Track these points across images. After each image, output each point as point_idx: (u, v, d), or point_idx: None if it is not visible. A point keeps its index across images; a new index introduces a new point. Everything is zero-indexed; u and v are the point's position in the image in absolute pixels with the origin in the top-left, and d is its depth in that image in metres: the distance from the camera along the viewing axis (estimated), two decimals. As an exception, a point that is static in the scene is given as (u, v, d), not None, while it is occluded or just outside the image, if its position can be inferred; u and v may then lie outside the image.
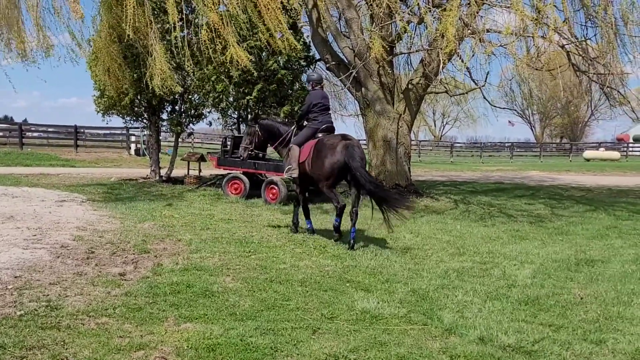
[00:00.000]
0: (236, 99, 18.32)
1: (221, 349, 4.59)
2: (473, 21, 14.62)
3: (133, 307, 5.54)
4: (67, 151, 34.03)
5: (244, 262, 7.77)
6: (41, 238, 8.68)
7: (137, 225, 10.27)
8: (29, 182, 17.50)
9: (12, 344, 4.44)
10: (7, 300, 5.57)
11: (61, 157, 30.27)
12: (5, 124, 51.66)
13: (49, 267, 7.00)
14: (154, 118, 19.94)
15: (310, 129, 10.36)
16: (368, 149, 18.16)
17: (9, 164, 25.94)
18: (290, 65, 18.41)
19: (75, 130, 35.96)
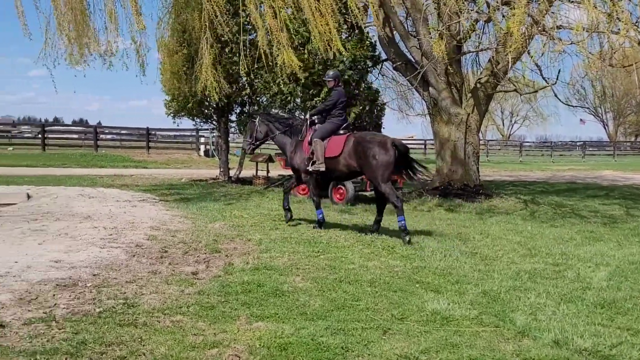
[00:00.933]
0: (304, 100, 18.46)
1: (293, 348, 4.65)
2: (542, 18, 14.33)
3: (206, 306, 5.66)
4: (139, 152, 34.95)
5: (313, 262, 7.83)
6: (117, 237, 8.95)
7: (208, 225, 10.47)
8: (104, 183, 18.06)
9: (93, 339, 4.60)
10: (86, 298, 5.77)
11: (134, 158, 31.11)
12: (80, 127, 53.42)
13: (125, 265, 7.22)
14: (223, 120, 20.29)
15: (334, 124, 10.71)
16: (435, 149, 18.03)
17: (85, 165, 26.82)
18: (356, 65, 18.43)
19: (147, 132, 36.86)
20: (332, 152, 10.41)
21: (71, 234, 9.10)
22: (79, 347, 4.45)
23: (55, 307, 5.46)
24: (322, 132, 10.65)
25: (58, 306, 5.47)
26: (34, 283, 6.23)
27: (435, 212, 14.06)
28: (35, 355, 4.26)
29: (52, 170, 23.42)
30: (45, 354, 4.30)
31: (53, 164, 26.75)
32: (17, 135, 44.18)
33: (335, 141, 10.46)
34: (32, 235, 9.07)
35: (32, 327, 4.87)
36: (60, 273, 6.68)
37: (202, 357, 4.45)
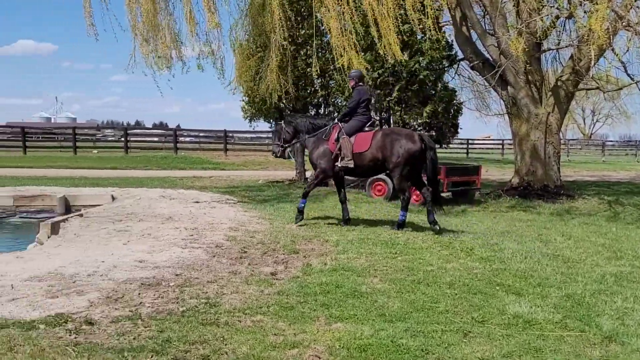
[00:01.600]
0: (377, 101, 18.43)
1: (372, 350, 4.64)
2: (627, 13, 13.83)
3: (286, 306, 5.71)
4: (217, 154, 35.59)
5: (391, 263, 7.80)
6: (198, 238, 9.16)
7: (286, 226, 10.58)
8: (184, 185, 18.48)
9: (177, 338, 4.72)
10: (170, 297, 5.92)
11: (212, 160, 31.70)
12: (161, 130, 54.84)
13: (206, 265, 7.37)
14: (298, 121, 20.45)
15: (359, 122, 10.99)
16: (514, 149, 17.67)
17: (165, 167, 27.51)
18: (432, 65, 18.27)
19: (225, 135, 37.52)
20: (360, 147, 10.67)
21: (154, 235, 9.37)
22: (164, 345, 4.57)
23: (140, 305, 5.62)
24: (348, 129, 10.88)
25: (143, 305, 5.64)
26: (120, 282, 6.44)
27: (514, 213, 13.77)
28: (123, 352, 4.40)
29: (135, 173, 24.14)
30: (132, 351, 4.43)
31: (135, 166, 27.59)
32: (101, 138, 45.75)
33: (363, 137, 10.75)
34: (117, 235, 9.38)
35: (119, 325, 5.03)
36: (145, 272, 6.88)
37: (282, 357, 4.49)
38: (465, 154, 48.20)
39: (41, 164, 26.58)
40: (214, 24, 12.90)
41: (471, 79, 24.08)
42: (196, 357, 4.41)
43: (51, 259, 7.90)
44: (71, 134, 37.55)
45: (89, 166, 26.39)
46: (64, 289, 6.16)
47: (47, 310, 5.41)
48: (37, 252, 8.70)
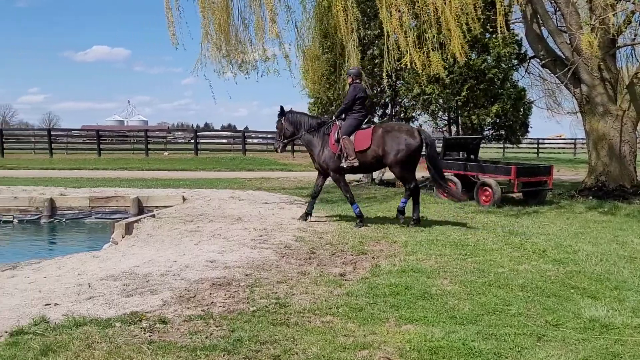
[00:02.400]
0: (446, 100, 18.23)
1: (443, 352, 4.58)
2: None
3: (355, 307, 5.70)
4: (284, 156, 35.79)
5: (461, 265, 7.69)
6: (267, 239, 9.24)
7: (353, 227, 10.56)
8: (253, 186, 18.70)
9: (248, 337, 4.77)
10: (240, 297, 6.00)
11: (279, 161, 31.96)
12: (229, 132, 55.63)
13: (276, 266, 7.43)
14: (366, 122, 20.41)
15: (356, 120, 11.12)
16: (588, 148, 17.19)
17: (234, 168, 27.90)
18: (501, 63, 17.95)
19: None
20: (361, 145, 10.82)
21: (224, 235, 9.50)
22: (235, 344, 4.62)
23: (212, 305, 5.71)
24: (346, 128, 11.00)
25: (215, 304, 5.72)
26: (192, 282, 6.55)
27: (588, 214, 13.37)
28: (195, 351, 4.47)
29: (205, 174, 24.56)
30: (205, 350, 4.50)
31: (205, 167, 28.08)
32: (172, 140, 46.75)
33: (362, 135, 10.91)
34: (188, 236, 9.56)
35: (191, 324, 5.12)
36: (216, 272, 6.99)
37: (353, 358, 4.49)
38: (535, 153, 47.21)
39: (115, 166, 27.37)
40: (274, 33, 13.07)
41: (542, 77, 23.58)
42: (267, 357, 4.44)
43: (126, 258, 8.12)
44: (143, 136, 38.55)
45: (161, 168, 27.02)
46: (138, 287, 6.31)
47: (122, 308, 5.55)
48: (112, 252, 8.95)
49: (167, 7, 12.65)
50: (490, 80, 17.80)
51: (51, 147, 36.00)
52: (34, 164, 29.11)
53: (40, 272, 7.57)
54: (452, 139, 17.43)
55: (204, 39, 12.97)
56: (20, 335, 4.80)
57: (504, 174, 14.49)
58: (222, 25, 12.80)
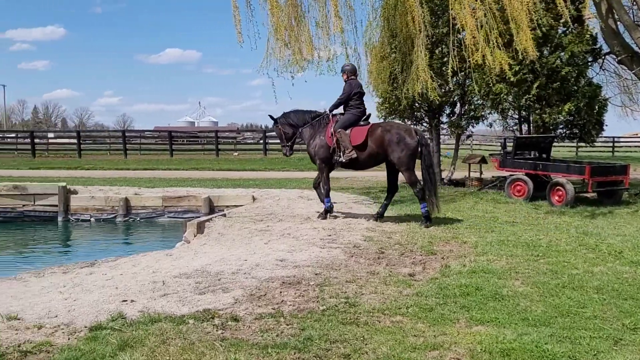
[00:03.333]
0: (515, 98, 17.87)
1: (516, 354, 4.51)
2: None
3: (425, 307, 5.67)
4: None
5: (533, 266, 7.55)
6: (335, 238, 9.28)
7: (422, 227, 10.49)
8: (321, 186, 18.75)
9: (318, 336, 4.80)
10: (310, 296, 6.05)
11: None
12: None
13: (345, 265, 7.46)
14: (434, 121, 20.21)
15: (354, 115, 11.36)
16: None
17: (302, 168, 28.05)
18: (574, 60, 17.48)
19: (360, 136, 37.75)
20: (355, 141, 11.05)
21: (293, 235, 9.59)
22: (305, 343, 4.66)
23: (282, 303, 5.78)
24: (343, 122, 11.27)
25: (285, 303, 5.79)
26: (262, 280, 6.65)
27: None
28: (266, 349, 4.54)
29: (273, 174, 24.82)
30: (276, 347, 4.56)
31: (274, 167, 28.38)
32: (241, 141, 47.40)
33: (358, 131, 11.14)
34: (258, 235, 9.69)
35: (262, 322, 5.20)
36: (285, 271, 7.06)
37: (423, 358, 4.47)
38: (610, 152, 45.79)
39: (187, 166, 27.95)
40: (339, 28, 13.11)
41: (617, 73, 22.81)
42: (337, 356, 4.47)
43: (198, 257, 8.29)
44: (214, 137, 39.24)
45: (231, 168, 27.45)
46: (210, 285, 6.44)
47: (195, 306, 5.68)
48: (184, 250, 9.16)
49: (234, 6, 12.84)
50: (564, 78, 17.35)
51: (125, 148, 37.03)
52: (109, 164, 30.02)
53: (116, 270, 7.82)
54: (523, 138, 17.12)
55: (271, 37, 13.10)
56: (98, 330, 4.97)
57: (578, 174, 14.14)
58: (288, 24, 12.91)
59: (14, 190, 15.31)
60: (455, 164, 21.08)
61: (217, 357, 4.37)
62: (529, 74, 16.66)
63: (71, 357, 4.36)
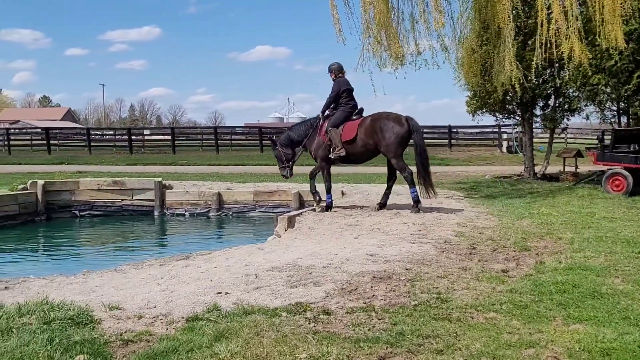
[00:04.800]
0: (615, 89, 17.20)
1: (617, 354, 4.35)
2: None
3: (519, 304, 5.54)
4: (441, 150, 35.53)
5: (634, 263, 7.24)
6: (426, 233, 9.20)
7: (515, 223, 10.27)
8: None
9: (410, 331, 4.78)
10: (401, 291, 6.02)
11: (436, 156, 31.65)
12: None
13: (435, 261, 7.39)
14: (527, 114, 19.71)
15: (344, 112, 11.70)
16: None
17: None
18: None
19: (449, 130, 37.35)
20: (347, 136, 11.43)
21: (383, 229, 9.58)
22: (397, 337, 4.65)
23: (373, 298, 5.78)
24: (334, 120, 11.63)
25: (376, 297, 5.79)
26: (353, 274, 6.67)
27: None
28: (358, 342, 4.55)
29: (362, 169, 24.77)
30: (368, 342, 4.56)
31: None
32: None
33: (349, 126, 11.50)
34: (348, 229, 9.72)
35: (354, 316, 5.21)
36: (376, 266, 7.06)
37: (518, 356, 4.37)
38: None
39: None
40: (440, 23, 12.98)
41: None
42: (429, 351, 4.43)
43: (289, 250, 8.40)
44: (302, 133, 39.49)
45: (319, 163, 27.59)
46: (301, 279, 6.52)
47: (287, 299, 5.76)
48: (276, 244, 9.30)
49: (332, 5, 12.94)
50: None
51: (217, 144, 37.93)
52: (201, 160, 30.83)
53: (210, 262, 8.03)
54: (622, 131, 16.48)
55: (365, 33, 13.11)
56: (195, 321, 5.12)
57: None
58: (382, 19, 12.87)
59: (113, 186, 15.96)
60: (549, 158, 20.51)
61: (309, 350, 4.41)
62: (629, 63, 15.99)
63: (170, 347, 4.49)
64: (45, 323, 4.99)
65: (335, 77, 11.97)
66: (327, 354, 4.32)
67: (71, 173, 21.69)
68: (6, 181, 17.95)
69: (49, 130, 42.19)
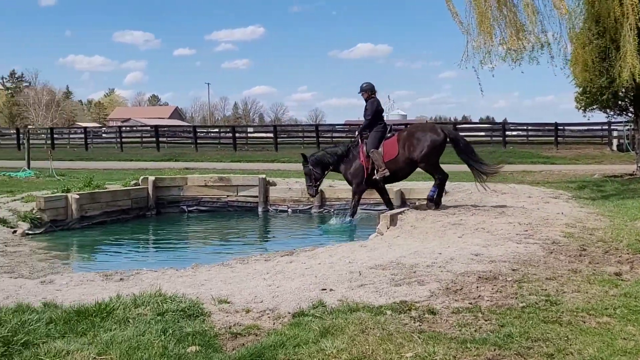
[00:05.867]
0: None
1: None
2: None
3: (635, 309, 5.30)
4: (546, 148, 34.49)
5: None
6: (532, 233, 8.96)
7: (628, 224, 9.84)
8: (515, 179, 18.26)
9: (519, 333, 4.67)
10: (508, 292, 5.90)
11: (541, 154, 30.82)
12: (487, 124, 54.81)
13: (543, 262, 7.19)
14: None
15: (378, 132, 12.01)
16: None
17: (493, 161, 27.30)
18: None
19: (555, 128, 36.22)
20: (390, 154, 11.77)
21: (487, 229, 9.41)
22: (505, 339, 4.56)
23: (479, 298, 5.69)
24: (373, 142, 11.90)
25: (482, 298, 5.70)
26: (457, 274, 6.59)
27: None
28: (465, 343, 4.49)
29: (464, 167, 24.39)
30: (475, 343, 4.50)
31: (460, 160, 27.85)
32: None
33: (389, 144, 11.83)
34: (451, 228, 9.62)
35: (460, 316, 5.15)
36: (481, 266, 6.94)
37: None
38: None
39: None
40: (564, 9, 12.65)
41: None
42: (539, 355, 4.32)
43: (392, 249, 8.40)
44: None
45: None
46: (405, 278, 6.50)
47: (391, 297, 5.76)
48: (378, 242, 9.32)
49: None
50: None
51: (318, 142, 38.30)
52: (303, 157, 31.13)
53: (314, 259, 8.13)
54: None
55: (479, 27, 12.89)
56: (301, 317, 5.20)
57: None
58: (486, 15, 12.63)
59: (219, 182, 16.40)
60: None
61: (415, 349, 4.40)
62: None
63: (277, 341, 4.59)
64: (159, 314, 5.20)
65: (368, 97, 12.21)
66: (433, 354, 4.30)
67: (179, 169, 22.48)
68: (119, 177, 18.82)
69: (158, 128, 43.86)
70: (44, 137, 48.47)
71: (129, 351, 4.32)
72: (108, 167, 27.18)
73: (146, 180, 15.90)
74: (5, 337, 4.54)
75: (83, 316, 5.14)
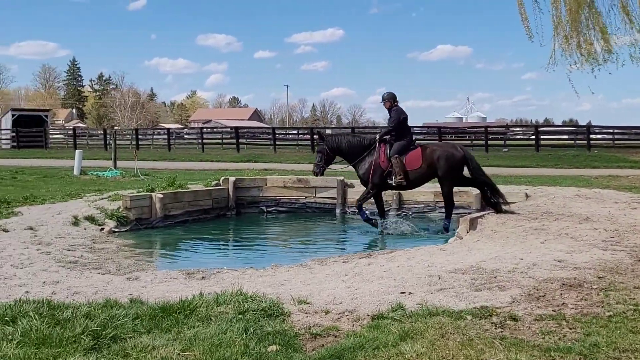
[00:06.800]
0: None
1: None
2: None
3: None
4: (634, 152, 33.25)
5: None
6: (619, 240, 8.68)
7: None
8: (599, 184, 17.64)
9: (605, 343, 4.53)
10: (594, 300, 5.73)
11: (629, 158, 29.75)
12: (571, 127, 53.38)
13: (631, 270, 6.95)
14: None
15: (406, 142, 12.33)
16: None
17: (577, 165, 26.72)
18: None
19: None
20: (413, 165, 12.13)
21: (571, 235, 9.17)
22: (591, 349, 4.43)
23: (563, 306, 5.55)
24: (399, 149, 12.16)
25: (566, 305, 5.56)
26: (540, 280, 6.45)
27: None
28: (549, 351, 4.39)
29: (546, 171, 23.91)
30: (559, 351, 4.40)
31: (546, 164, 27.31)
32: (511, 137, 46.26)
33: (413, 156, 12.17)
34: (533, 233, 9.42)
35: (543, 324, 5.04)
36: (565, 273, 6.77)
37: None
38: None
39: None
40: None
41: None
42: (627, 366, 4.20)
43: (471, 253, 8.30)
44: (483, 132, 38.76)
45: (499, 164, 26.87)
46: (486, 283, 6.40)
47: (472, 302, 5.68)
48: (457, 246, 9.21)
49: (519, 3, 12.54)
50: None
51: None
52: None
53: (392, 262, 8.11)
54: None
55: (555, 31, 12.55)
56: (380, 319, 5.20)
57: None
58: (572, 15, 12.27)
59: (298, 183, 16.54)
60: None
61: (497, 356, 4.34)
62: None
63: (356, 343, 4.60)
64: (240, 313, 5.31)
65: (390, 105, 12.34)
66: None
67: (258, 170, 22.78)
68: (200, 177, 19.24)
69: (238, 129, 44.58)
70: (129, 137, 50.05)
71: (211, 348, 4.42)
72: (189, 168, 27.82)
73: (227, 180, 16.18)
74: (95, 330, 4.72)
75: (167, 313, 5.29)
